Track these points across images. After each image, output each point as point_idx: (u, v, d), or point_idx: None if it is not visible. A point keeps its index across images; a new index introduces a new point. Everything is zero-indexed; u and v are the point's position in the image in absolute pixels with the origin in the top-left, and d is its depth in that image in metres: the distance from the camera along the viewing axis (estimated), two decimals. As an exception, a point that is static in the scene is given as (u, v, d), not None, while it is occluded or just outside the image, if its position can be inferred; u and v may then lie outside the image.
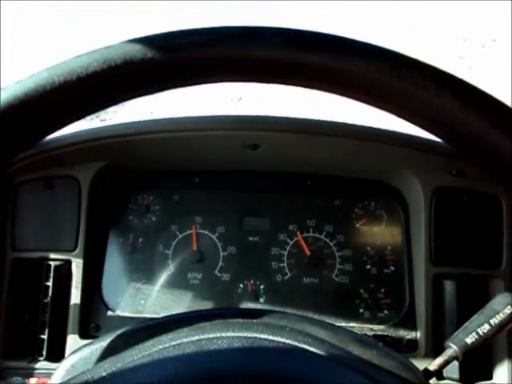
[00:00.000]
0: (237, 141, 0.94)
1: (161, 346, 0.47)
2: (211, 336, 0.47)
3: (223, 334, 0.47)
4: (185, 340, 0.47)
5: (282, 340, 0.48)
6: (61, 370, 0.59)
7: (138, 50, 0.38)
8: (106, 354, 0.58)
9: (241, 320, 0.53)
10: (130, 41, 0.38)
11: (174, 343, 0.47)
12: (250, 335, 0.48)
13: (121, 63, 0.37)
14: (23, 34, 4.31)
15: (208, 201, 1.03)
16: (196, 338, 0.47)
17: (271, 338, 0.48)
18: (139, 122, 0.93)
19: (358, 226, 1.01)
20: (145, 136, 0.93)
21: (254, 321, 0.53)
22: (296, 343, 0.48)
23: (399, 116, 0.40)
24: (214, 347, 0.45)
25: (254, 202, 1.02)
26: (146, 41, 0.38)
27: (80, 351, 0.60)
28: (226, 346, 0.45)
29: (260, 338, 0.47)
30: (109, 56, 0.37)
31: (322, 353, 0.47)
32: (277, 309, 0.95)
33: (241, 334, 0.47)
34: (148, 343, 0.49)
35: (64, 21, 4.47)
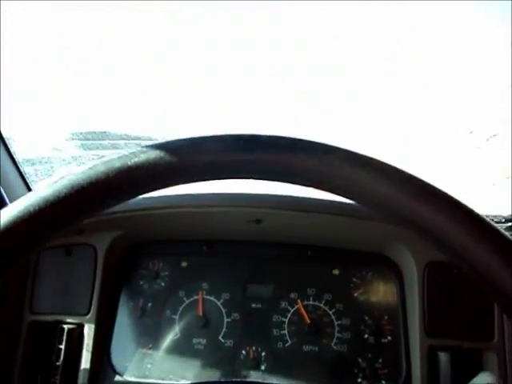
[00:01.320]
0: (241, 216, 0.99)
1: None
2: None
3: None
4: None
5: None
6: None
7: (82, 178, 0.42)
8: None
9: None
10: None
11: None
12: None
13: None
14: (23, 34, 4.28)
15: (214, 268, 1.07)
16: None
17: None
18: (151, 197, 0.98)
19: (355, 295, 1.04)
20: (156, 211, 0.99)
21: None
22: None
23: (337, 195, 0.45)
24: None
25: (258, 270, 1.06)
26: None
27: None
28: None
29: None
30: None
31: None
32: (277, 376, 0.99)
33: None
34: None
35: (64, 21, 4.43)
